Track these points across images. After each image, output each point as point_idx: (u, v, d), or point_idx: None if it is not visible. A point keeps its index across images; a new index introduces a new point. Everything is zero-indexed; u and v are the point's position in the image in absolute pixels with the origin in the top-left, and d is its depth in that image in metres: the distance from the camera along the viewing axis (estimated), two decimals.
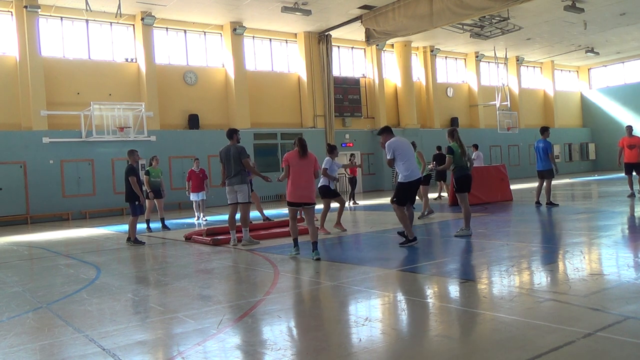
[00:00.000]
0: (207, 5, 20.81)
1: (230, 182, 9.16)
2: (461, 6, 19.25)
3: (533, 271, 5.90)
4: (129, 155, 10.52)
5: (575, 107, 39.46)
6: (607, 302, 4.43)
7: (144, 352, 3.92)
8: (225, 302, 5.30)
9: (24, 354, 4.00)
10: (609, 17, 25.71)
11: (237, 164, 9.15)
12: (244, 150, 9.21)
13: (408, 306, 4.75)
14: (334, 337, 3.97)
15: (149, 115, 20.55)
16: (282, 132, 24.71)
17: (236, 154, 9.15)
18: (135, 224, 10.25)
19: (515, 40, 28.89)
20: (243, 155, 9.11)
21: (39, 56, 19.30)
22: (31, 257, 10.06)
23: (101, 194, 20.02)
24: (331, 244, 9.23)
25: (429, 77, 30.14)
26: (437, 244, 8.63)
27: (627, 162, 13.78)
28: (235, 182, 9.15)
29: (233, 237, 9.34)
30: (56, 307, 5.40)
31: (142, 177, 12.52)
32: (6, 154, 18.50)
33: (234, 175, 9.14)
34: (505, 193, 15.41)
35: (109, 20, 20.86)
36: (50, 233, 14.38)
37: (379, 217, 13.56)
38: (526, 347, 3.43)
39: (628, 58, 36.32)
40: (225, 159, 9.19)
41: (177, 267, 7.93)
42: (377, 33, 22.92)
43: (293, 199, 7.61)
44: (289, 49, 25.98)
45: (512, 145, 33.75)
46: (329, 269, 6.78)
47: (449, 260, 6.75)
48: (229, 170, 9.16)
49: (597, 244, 7.47)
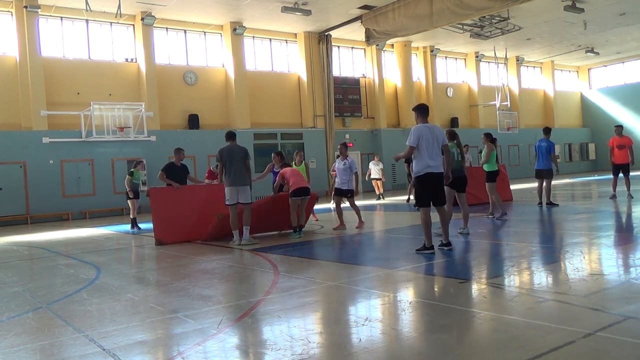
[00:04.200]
0: (207, 5, 20.81)
1: (234, 183, 9.16)
2: (461, 6, 19.25)
3: (533, 271, 5.90)
4: (175, 153, 11.12)
5: (575, 107, 39.47)
6: (607, 302, 4.42)
7: (144, 352, 3.92)
8: (225, 302, 5.30)
9: (24, 354, 4.00)
10: (609, 17, 25.72)
11: (241, 165, 9.19)
12: (247, 152, 9.48)
13: (408, 306, 4.75)
14: (334, 337, 3.97)
15: (149, 115, 20.55)
16: (282, 132, 24.72)
17: (241, 155, 9.23)
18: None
19: (515, 40, 28.90)
20: (248, 157, 9.39)
21: (39, 56, 19.31)
22: (31, 257, 10.06)
23: (101, 194, 20.02)
24: (331, 244, 9.24)
25: (429, 77, 30.15)
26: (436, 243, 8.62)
27: (615, 162, 13.52)
28: (238, 183, 9.17)
29: (236, 237, 9.34)
30: (56, 307, 5.40)
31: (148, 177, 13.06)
32: (6, 154, 18.50)
33: (238, 176, 9.15)
34: (505, 193, 15.39)
35: (109, 20, 20.86)
36: (50, 233, 14.38)
37: (379, 217, 13.55)
38: (526, 347, 3.43)
39: (628, 58, 36.33)
40: (229, 159, 9.20)
41: (177, 267, 7.92)
42: (377, 33, 22.92)
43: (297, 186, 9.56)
44: (289, 49, 25.98)
45: (512, 145, 33.75)
46: (329, 269, 6.78)
47: (449, 260, 6.74)
48: (233, 170, 9.16)
49: (597, 244, 7.46)
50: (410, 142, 7.01)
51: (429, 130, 7.07)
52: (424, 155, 6.98)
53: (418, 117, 7.20)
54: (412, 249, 7.56)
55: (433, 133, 7.07)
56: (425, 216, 7.04)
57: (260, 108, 24.54)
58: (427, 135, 6.99)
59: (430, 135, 7.01)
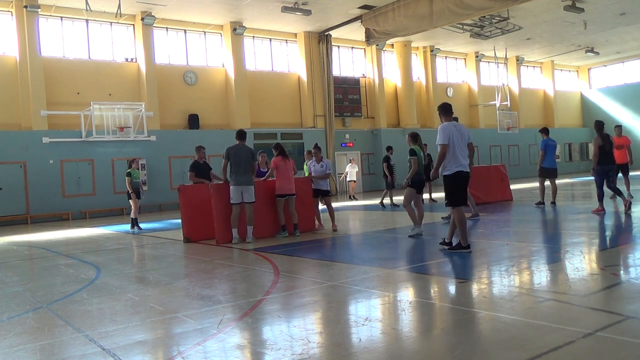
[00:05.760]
0: (207, 5, 20.81)
1: (239, 182, 9.22)
2: (461, 6, 19.25)
3: (533, 271, 5.90)
4: (196, 151, 11.00)
5: (575, 107, 39.47)
6: (607, 302, 4.43)
7: (144, 352, 3.92)
8: (225, 302, 5.29)
9: (24, 353, 4.00)
10: (609, 17, 25.72)
11: (246, 165, 9.24)
12: (255, 153, 9.66)
13: (408, 306, 4.75)
14: (334, 337, 3.97)
15: (149, 115, 20.55)
16: (282, 132, 24.72)
17: (248, 155, 9.30)
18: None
19: (515, 40, 28.90)
20: (255, 157, 9.55)
21: (39, 56, 19.31)
22: (31, 257, 10.06)
23: (101, 193, 20.02)
24: (331, 244, 9.24)
25: (429, 77, 30.15)
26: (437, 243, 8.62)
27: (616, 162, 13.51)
28: (243, 182, 9.23)
29: (234, 236, 9.37)
30: (56, 307, 5.40)
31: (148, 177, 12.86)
32: (6, 154, 18.50)
33: (243, 176, 9.20)
34: (505, 193, 15.40)
35: (109, 20, 20.86)
36: (50, 233, 14.38)
37: (379, 217, 13.55)
38: (526, 347, 3.43)
39: (628, 58, 36.33)
40: (235, 158, 9.23)
41: (177, 267, 7.93)
42: (377, 33, 22.92)
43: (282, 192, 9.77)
44: (289, 49, 25.98)
45: (512, 145, 33.75)
46: (329, 269, 6.78)
47: (448, 260, 6.74)
48: (238, 169, 9.19)
49: (597, 244, 7.46)
50: (442, 141, 6.89)
51: (456, 128, 7.02)
52: (455, 154, 6.89)
53: (442, 116, 7.15)
54: (412, 249, 7.56)
55: (460, 131, 7.02)
56: (460, 215, 6.96)
57: (260, 108, 24.54)
58: (456, 133, 6.95)
59: (458, 133, 6.96)
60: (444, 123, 7.07)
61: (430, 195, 16.84)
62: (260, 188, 9.99)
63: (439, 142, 6.93)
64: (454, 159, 6.90)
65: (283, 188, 9.80)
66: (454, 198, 7.01)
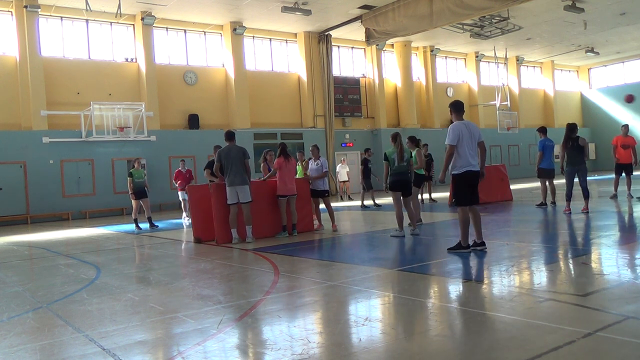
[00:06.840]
0: (207, 5, 20.81)
1: (232, 182, 9.21)
2: (461, 6, 19.25)
3: (533, 271, 5.90)
4: (214, 150, 11.02)
5: (575, 107, 39.45)
6: (607, 302, 4.43)
7: (144, 352, 3.92)
8: (225, 302, 5.30)
9: (24, 353, 4.00)
10: (609, 17, 25.71)
11: (239, 165, 9.21)
12: (246, 152, 9.50)
13: (408, 306, 4.75)
14: (334, 337, 3.97)
15: (149, 115, 20.55)
16: (282, 132, 24.70)
17: (239, 155, 9.25)
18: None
19: (515, 40, 28.89)
20: (246, 156, 9.42)
21: (39, 56, 19.30)
22: (31, 257, 10.06)
23: (101, 194, 20.02)
24: (331, 244, 9.24)
25: (429, 77, 30.15)
26: (437, 243, 8.63)
27: (621, 162, 13.42)
28: (237, 183, 9.21)
29: (234, 236, 9.37)
30: (56, 307, 5.40)
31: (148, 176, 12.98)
32: (6, 154, 18.49)
33: (236, 176, 9.18)
34: (505, 193, 15.41)
35: (109, 20, 20.85)
36: (50, 233, 14.38)
37: (379, 216, 13.55)
38: (526, 347, 3.43)
39: (628, 58, 36.31)
40: (226, 159, 9.23)
41: (177, 267, 7.93)
42: (377, 33, 22.92)
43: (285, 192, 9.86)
44: (289, 49, 25.97)
45: (512, 145, 33.74)
46: (329, 269, 6.78)
47: (448, 260, 6.74)
48: (230, 170, 9.19)
49: (597, 244, 7.46)
50: (450, 141, 6.81)
51: (466, 127, 6.91)
52: (464, 153, 6.80)
53: (453, 114, 7.02)
54: (412, 249, 7.56)
55: (470, 130, 6.91)
56: (464, 215, 6.92)
57: (260, 108, 24.53)
58: (466, 133, 6.84)
59: (468, 133, 6.85)
60: (455, 122, 6.95)
61: (430, 195, 16.86)
62: (261, 188, 10.00)
63: (447, 142, 6.88)
64: (463, 159, 6.82)
65: (286, 188, 9.89)
66: (459, 197, 6.98)
